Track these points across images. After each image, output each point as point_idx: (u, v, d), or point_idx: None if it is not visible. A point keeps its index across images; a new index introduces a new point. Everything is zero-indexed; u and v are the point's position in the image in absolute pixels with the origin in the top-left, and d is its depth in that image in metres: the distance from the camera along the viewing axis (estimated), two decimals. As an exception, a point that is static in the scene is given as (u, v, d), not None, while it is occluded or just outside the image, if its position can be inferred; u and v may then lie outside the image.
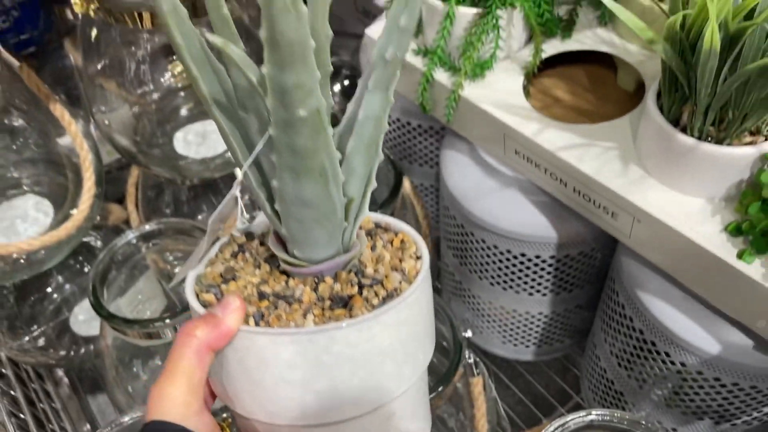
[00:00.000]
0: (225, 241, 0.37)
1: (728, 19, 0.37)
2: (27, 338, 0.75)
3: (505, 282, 0.62)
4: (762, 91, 0.39)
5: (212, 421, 0.32)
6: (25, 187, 0.62)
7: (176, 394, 0.30)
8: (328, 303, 0.32)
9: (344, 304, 0.32)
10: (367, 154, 0.33)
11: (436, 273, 0.77)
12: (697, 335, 0.47)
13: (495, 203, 0.57)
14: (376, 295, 0.32)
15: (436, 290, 0.79)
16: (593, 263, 0.60)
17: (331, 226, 0.32)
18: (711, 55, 0.37)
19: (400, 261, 0.34)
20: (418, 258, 0.35)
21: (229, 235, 0.37)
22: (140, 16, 0.54)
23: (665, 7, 0.41)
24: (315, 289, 0.33)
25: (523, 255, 0.58)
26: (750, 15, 0.38)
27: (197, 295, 0.34)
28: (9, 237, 0.62)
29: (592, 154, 0.49)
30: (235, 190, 0.34)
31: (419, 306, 0.33)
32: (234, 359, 0.31)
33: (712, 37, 0.36)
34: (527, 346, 0.69)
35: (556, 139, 0.50)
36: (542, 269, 0.59)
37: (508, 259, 0.59)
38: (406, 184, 0.68)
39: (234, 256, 0.36)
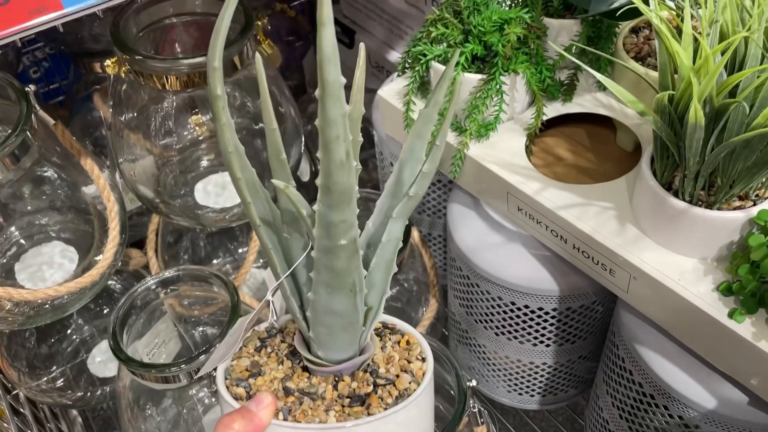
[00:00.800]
0: (248, 336, 0.42)
1: (713, 95, 0.40)
2: (45, 378, 0.77)
3: (509, 332, 0.64)
4: (747, 160, 0.42)
5: None
6: (52, 234, 0.66)
7: None
8: (347, 400, 0.37)
9: (362, 402, 0.37)
10: (387, 270, 0.39)
11: (444, 320, 0.79)
12: (694, 390, 0.49)
13: (499, 256, 0.59)
14: (390, 394, 0.38)
15: (444, 337, 0.81)
16: (595, 316, 0.62)
17: (354, 331, 0.38)
18: (697, 128, 0.40)
19: (408, 362, 0.40)
20: (423, 360, 0.40)
21: (252, 331, 0.42)
22: (167, 78, 0.58)
23: (656, 82, 0.44)
24: (335, 387, 0.38)
25: (526, 307, 0.60)
26: (734, 91, 0.41)
27: (227, 388, 0.39)
28: (35, 282, 0.65)
29: (590, 213, 0.52)
30: (270, 295, 0.41)
31: (426, 403, 0.39)
32: None
33: (696, 114, 0.38)
34: (532, 395, 0.70)
35: (556, 198, 0.53)
36: (545, 321, 0.61)
37: (512, 311, 0.61)
38: (415, 234, 0.71)
39: (257, 350, 0.41)
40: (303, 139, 0.77)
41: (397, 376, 0.39)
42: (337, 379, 0.39)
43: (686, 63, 0.39)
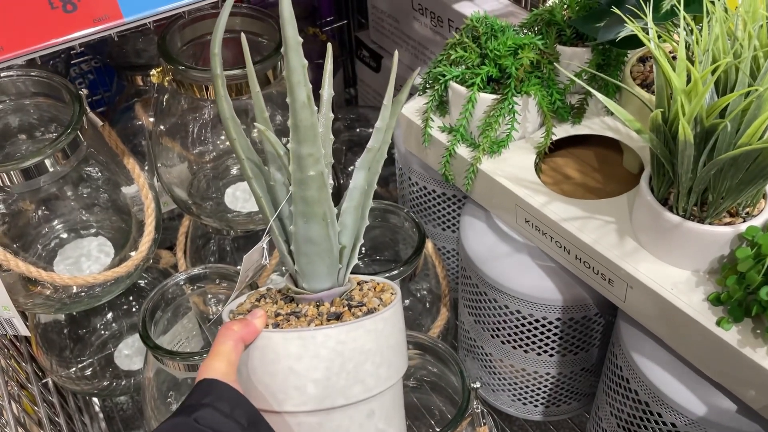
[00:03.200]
0: (251, 292, 0.50)
1: (703, 116, 0.43)
2: (74, 368, 0.82)
3: (515, 341, 0.67)
4: (734, 177, 0.45)
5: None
6: (92, 229, 0.71)
7: (219, 367, 0.40)
8: (325, 317, 0.45)
9: (337, 317, 0.45)
10: (356, 214, 0.47)
11: (454, 332, 0.82)
12: (686, 397, 0.51)
13: (507, 266, 0.63)
14: (361, 311, 0.45)
15: (453, 348, 0.84)
16: (597, 328, 0.65)
17: (329, 261, 0.45)
18: (687, 146, 0.43)
19: (381, 296, 0.48)
20: (393, 294, 0.48)
21: (255, 289, 0.51)
22: (206, 88, 0.63)
23: (653, 103, 0.48)
24: (317, 308, 0.46)
25: (531, 315, 0.63)
26: (723, 113, 0.44)
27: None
28: (73, 273, 0.70)
29: (592, 226, 0.55)
30: (263, 242, 0.49)
31: (392, 323, 0.45)
32: (256, 356, 0.43)
33: (684, 132, 0.42)
34: (536, 406, 0.73)
35: (561, 211, 0.56)
36: (549, 330, 0.64)
37: (517, 319, 0.64)
38: (429, 245, 0.74)
39: (258, 300, 0.49)
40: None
41: (369, 300, 0.46)
42: (318, 304, 0.46)
43: (678, 86, 0.43)
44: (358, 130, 1.07)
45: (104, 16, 0.42)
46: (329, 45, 0.45)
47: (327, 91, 0.45)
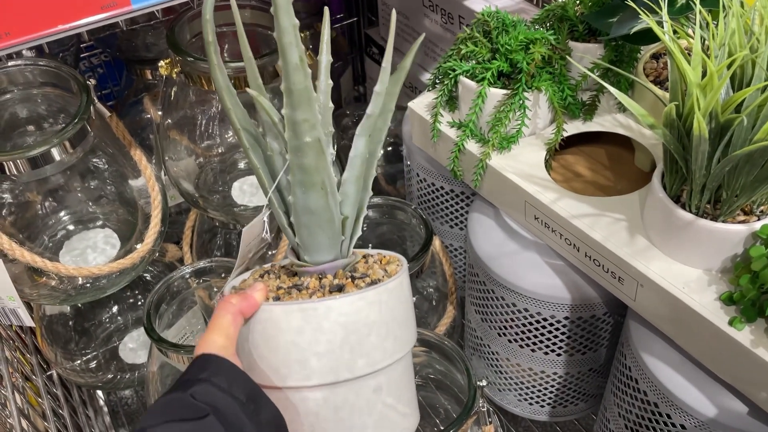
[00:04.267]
0: (255, 269, 0.48)
1: (718, 111, 0.42)
2: (79, 361, 0.82)
3: (522, 340, 0.66)
4: (749, 174, 0.44)
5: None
6: (99, 221, 0.70)
7: (216, 340, 0.39)
8: (327, 289, 0.43)
9: (339, 289, 0.43)
10: (358, 183, 0.45)
11: (460, 331, 0.81)
12: (696, 398, 0.50)
13: (515, 263, 0.62)
14: (364, 282, 0.43)
15: (459, 346, 0.83)
16: (605, 327, 0.64)
17: (331, 232, 0.43)
18: (701, 141, 0.43)
19: (386, 268, 0.46)
20: (399, 266, 0.46)
21: (260, 266, 0.48)
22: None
23: (666, 99, 0.47)
24: (319, 280, 0.44)
25: (538, 314, 0.62)
26: (739, 108, 0.43)
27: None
28: (79, 264, 0.69)
29: (602, 223, 0.54)
30: (263, 215, 0.47)
31: (397, 295, 0.43)
32: (257, 330, 0.41)
33: (699, 126, 0.41)
34: (542, 406, 0.72)
35: (571, 207, 0.56)
36: (556, 329, 0.63)
37: (525, 317, 0.63)
38: (436, 242, 0.74)
39: (261, 276, 0.47)
40: (335, 150, 0.82)
41: (373, 271, 0.45)
42: (320, 277, 0.44)
43: (693, 80, 0.42)
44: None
45: (112, 2, 0.41)
46: (325, 8, 0.45)
47: (325, 56, 0.43)
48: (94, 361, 0.82)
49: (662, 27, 0.46)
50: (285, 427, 0.40)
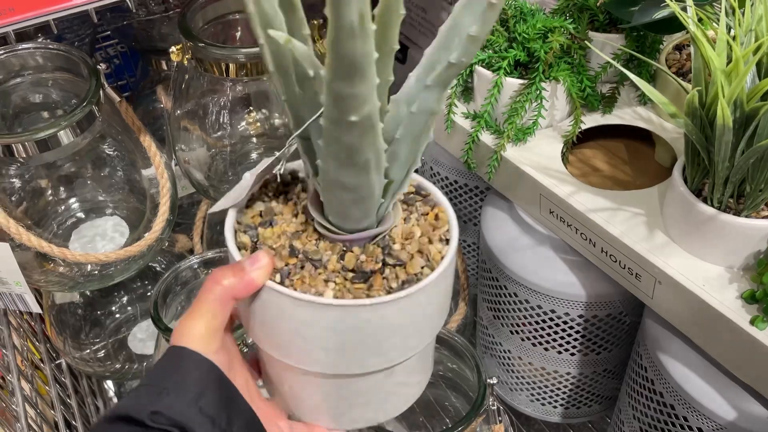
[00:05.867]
0: (270, 179, 0.39)
1: (743, 100, 0.41)
2: (88, 350, 0.81)
3: (535, 338, 0.64)
4: (776, 167, 0.42)
5: (230, 360, 0.36)
6: (108, 209, 0.70)
7: (195, 331, 0.33)
8: (350, 275, 0.35)
9: (365, 279, 0.34)
10: (415, 143, 0.34)
11: (472, 328, 0.80)
12: (715, 401, 0.48)
13: (529, 259, 0.60)
14: (397, 277, 0.34)
15: (471, 345, 0.82)
16: (621, 327, 0.62)
17: (368, 206, 0.34)
18: (725, 130, 0.41)
19: (429, 241, 0.36)
20: (447, 242, 0.36)
21: (278, 174, 0.39)
22: (227, 67, 0.62)
23: (688, 86, 0.45)
24: (342, 257, 0.35)
25: (552, 312, 0.61)
26: (766, 97, 0.41)
27: (236, 233, 0.37)
28: (87, 251, 0.69)
29: (620, 217, 0.52)
30: (286, 150, 0.36)
31: (437, 291, 0.35)
32: (258, 305, 0.35)
33: (723, 115, 0.39)
34: (555, 407, 0.70)
35: (587, 201, 0.54)
36: (571, 328, 0.61)
37: (538, 315, 0.62)
38: (449, 238, 0.72)
39: (276, 195, 0.38)
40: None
41: (412, 257, 0.35)
42: (345, 248, 0.36)
43: (718, 65, 0.40)
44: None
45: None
46: None
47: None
48: (103, 351, 0.81)
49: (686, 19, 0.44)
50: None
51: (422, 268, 0.35)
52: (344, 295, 0.34)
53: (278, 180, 0.39)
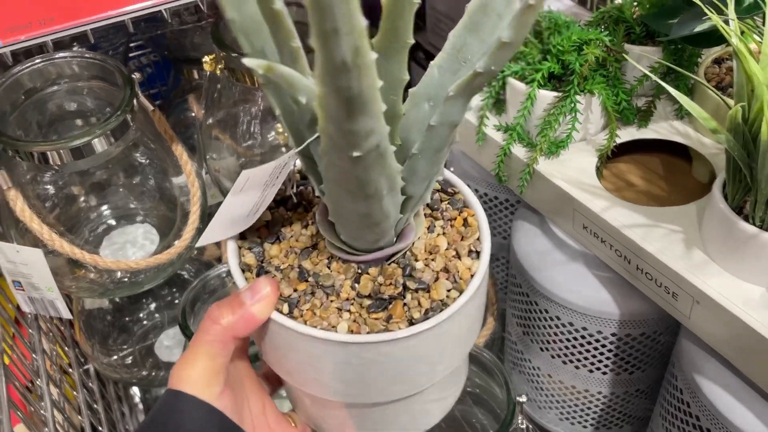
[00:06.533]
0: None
1: (789, 115, 0.39)
2: (116, 356, 0.82)
3: (565, 356, 0.63)
4: (823, 185, 0.41)
5: (239, 398, 0.32)
6: (139, 217, 0.70)
7: (194, 374, 0.30)
8: (367, 302, 0.31)
9: (383, 307, 0.30)
10: (435, 157, 0.30)
11: (500, 344, 0.79)
12: (753, 425, 0.47)
13: (560, 274, 0.59)
14: (420, 304, 0.30)
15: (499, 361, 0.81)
16: (655, 347, 0.60)
17: (383, 228, 0.30)
18: (770, 146, 0.39)
19: (457, 255, 0.32)
20: (477, 254, 0.32)
21: (291, 194, 0.36)
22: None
23: (729, 101, 0.44)
24: (357, 281, 0.31)
25: (584, 329, 0.59)
26: (813, 113, 0.40)
27: (240, 251, 0.33)
28: (118, 258, 0.70)
29: (657, 234, 0.51)
30: (289, 161, 0.31)
31: (467, 315, 0.31)
32: (267, 334, 0.32)
33: (767, 130, 0.38)
34: (584, 427, 0.68)
35: (623, 217, 0.53)
36: (603, 346, 0.60)
37: (569, 332, 0.60)
38: (478, 252, 0.71)
39: (284, 201, 0.34)
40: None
41: (437, 277, 0.31)
42: (360, 270, 0.32)
43: (762, 80, 0.39)
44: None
45: (157, -10, 0.41)
46: None
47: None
48: (130, 357, 0.82)
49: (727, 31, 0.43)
50: None
51: (449, 291, 0.31)
52: (360, 326, 0.30)
53: (293, 199, 0.35)
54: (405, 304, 0.31)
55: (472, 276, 0.32)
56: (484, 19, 0.27)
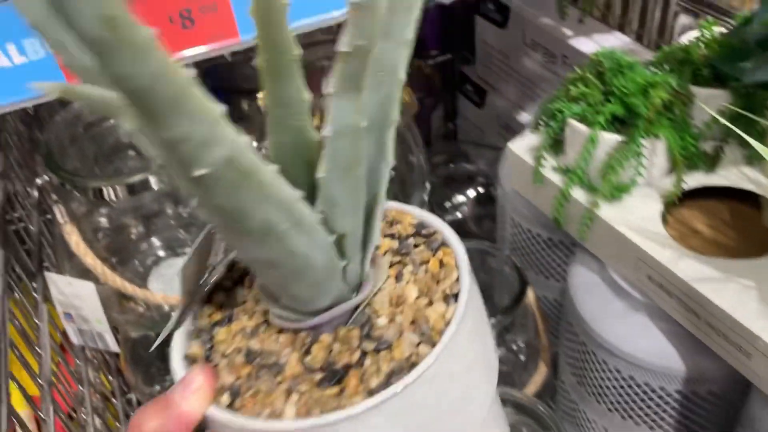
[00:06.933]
0: (214, 314, 0.30)
1: None
2: (159, 387, 0.81)
3: (624, 410, 0.60)
4: None
5: None
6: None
7: None
8: (318, 377, 0.25)
9: (337, 379, 0.25)
10: (349, 179, 0.25)
11: (551, 391, 0.76)
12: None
13: (621, 325, 0.56)
14: (378, 370, 0.24)
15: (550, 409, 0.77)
16: (723, 406, 0.57)
17: (314, 280, 0.25)
18: None
19: (430, 303, 0.26)
20: (454, 297, 0.26)
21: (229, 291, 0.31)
22: (311, 114, 0.62)
23: (817, 153, 0.41)
24: (307, 351, 0.26)
25: (646, 384, 0.56)
26: None
27: (189, 338, 0.29)
28: (166, 291, 0.69)
29: (730, 289, 0.48)
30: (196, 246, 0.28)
31: (449, 377, 0.25)
32: (210, 430, 0.27)
33: None
34: (641, 484, 0.65)
35: (692, 269, 0.50)
36: (666, 403, 0.57)
37: (630, 386, 0.57)
38: (530, 294, 0.69)
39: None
40: (428, 188, 0.79)
41: (401, 333, 0.25)
42: (311, 340, 0.26)
43: None
44: (454, 165, 1.04)
45: (221, 34, 0.41)
46: None
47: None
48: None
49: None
50: None
51: (417, 346, 0.25)
52: (311, 408, 0.24)
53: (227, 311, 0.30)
54: (362, 372, 0.25)
55: (447, 324, 0.25)
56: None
